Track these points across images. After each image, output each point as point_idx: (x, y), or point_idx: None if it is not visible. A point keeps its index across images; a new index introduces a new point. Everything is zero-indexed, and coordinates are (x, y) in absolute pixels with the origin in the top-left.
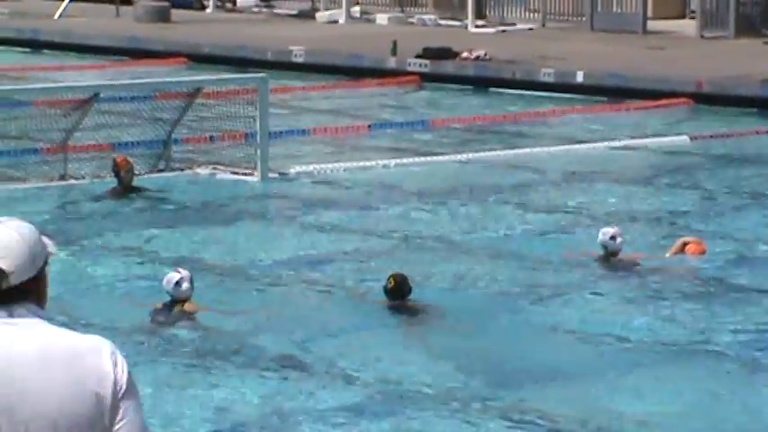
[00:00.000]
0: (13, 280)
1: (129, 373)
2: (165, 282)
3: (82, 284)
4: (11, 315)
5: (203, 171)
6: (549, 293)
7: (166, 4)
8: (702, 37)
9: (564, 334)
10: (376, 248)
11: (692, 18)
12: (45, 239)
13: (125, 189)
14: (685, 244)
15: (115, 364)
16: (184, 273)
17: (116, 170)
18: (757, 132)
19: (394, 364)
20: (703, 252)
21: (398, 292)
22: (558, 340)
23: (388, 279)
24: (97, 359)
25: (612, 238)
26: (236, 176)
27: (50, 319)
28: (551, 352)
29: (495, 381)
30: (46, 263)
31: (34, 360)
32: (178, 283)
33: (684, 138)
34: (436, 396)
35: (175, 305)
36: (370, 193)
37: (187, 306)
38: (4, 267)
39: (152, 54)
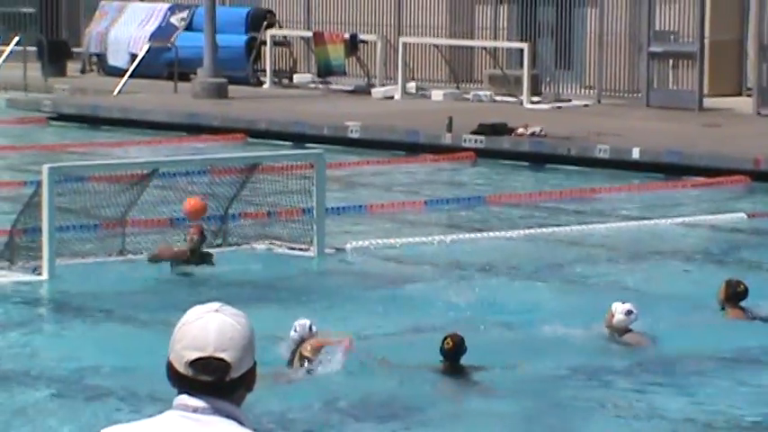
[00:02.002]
0: (235, 372)
1: None
2: (298, 326)
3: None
4: (206, 410)
5: (260, 246)
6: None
7: (224, 80)
8: (759, 114)
9: (613, 415)
10: (432, 324)
11: (749, 95)
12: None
13: (191, 255)
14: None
15: None
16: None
17: (192, 238)
18: None
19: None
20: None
21: (456, 352)
22: (608, 419)
23: (445, 339)
24: None
25: (629, 313)
26: (292, 252)
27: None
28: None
29: None
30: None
31: None
32: (311, 328)
33: (741, 215)
34: None
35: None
36: (427, 270)
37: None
38: (227, 359)
39: (210, 130)
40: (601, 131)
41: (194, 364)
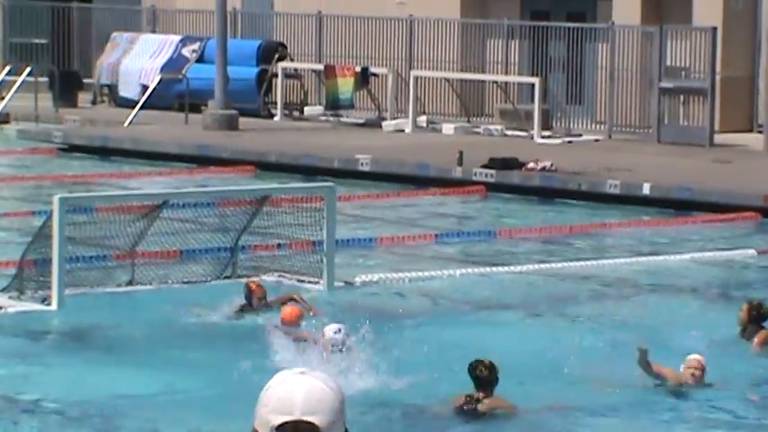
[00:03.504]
0: None
1: None
2: (326, 331)
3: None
4: None
5: (270, 278)
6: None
7: (235, 112)
8: None
9: None
10: (443, 359)
11: (760, 132)
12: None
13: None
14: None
15: None
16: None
17: (248, 295)
18: None
19: None
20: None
21: (487, 379)
22: None
23: (478, 367)
24: None
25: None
26: (302, 284)
27: None
28: None
29: None
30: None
31: None
32: (337, 333)
33: (751, 251)
34: None
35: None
36: (437, 304)
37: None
38: (316, 422)
39: (220, 161)
40: (611, 167)
41: (281, 428)
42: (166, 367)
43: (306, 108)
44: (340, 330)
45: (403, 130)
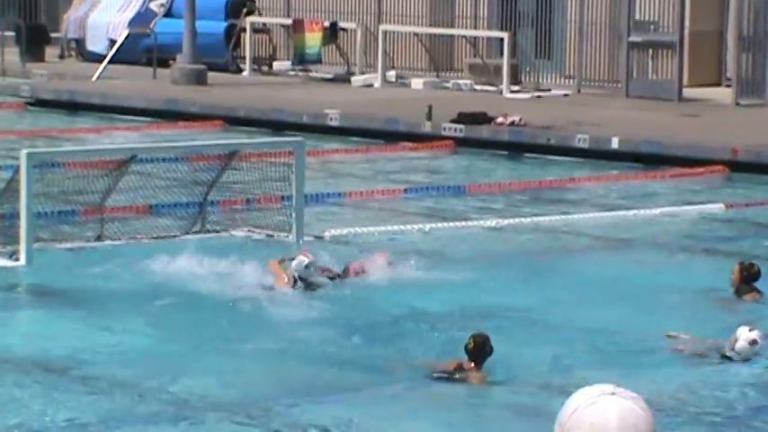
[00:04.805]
0: None
1: None
2: (295, 263)
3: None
4: None
5: (239, 233)
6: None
7: (203, 67)
8: (738, 104)
9: None
10: (411, 314)
11: (728, 86)
12: None
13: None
14: None
15: None
16: (312, 257)
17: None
18: None
19: None
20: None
21: (480, 351)
22: None
23: (469, 339)
24: None
25: (753, 342)
26: (271, 239)
27: None
28: None
29: None
30: None
31: None
32: (308, 267)
33: (720, 205)
34: None
35: (301, 282)
36: (406, 258)
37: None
38: None
39: (188, 116)
40: (580, 121)
41: None
42: (136, 322)
43: (274, 63)
44: (310, 265)
45: (372, 85)
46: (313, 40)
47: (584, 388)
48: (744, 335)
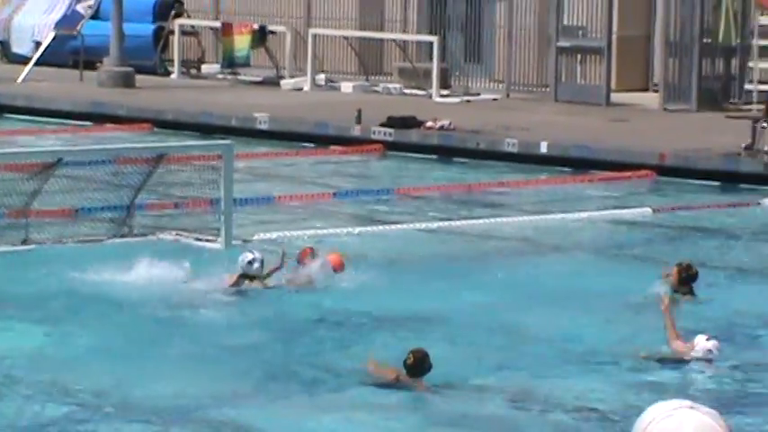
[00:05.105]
0: None
1: None
2: (240, 259)
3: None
4: None
5: (167, 237)
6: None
7: (131, 69)
8: (665, 110)
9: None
10: (338, 319)
11: (655, 91)
12: None
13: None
14: None
15: None
16: (257, 254)
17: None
18: (718, 206)
19: None
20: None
21: (419, 367)
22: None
23: (409, 354)
24: None
25: (708, 352)
26: (199, 243)
27: None
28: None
29: None
30: None
31: None
32: (250, 263)
33: (647, 210)
34: None
35: (245, 280)
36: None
37: (255, 283)
38: None
39: (116, 119)
40: (509, 125)
41: None
42: (60, 326)
43: (203, 66)
44: (253, 261)
45: (301, 89)
46: (242, 43)
47: (661, 402)
48: (701, 344)
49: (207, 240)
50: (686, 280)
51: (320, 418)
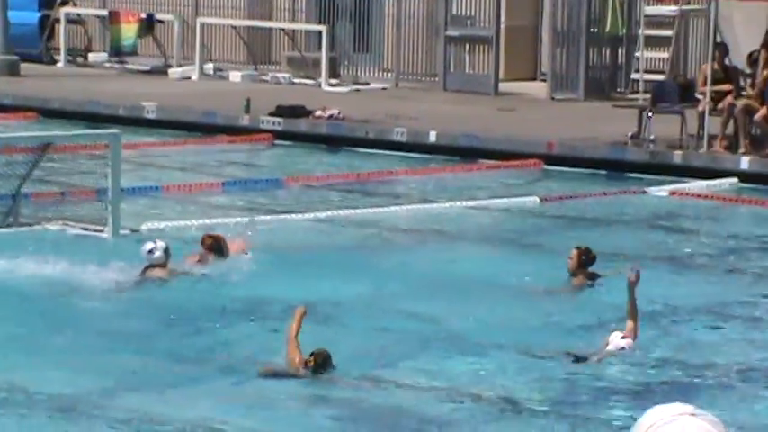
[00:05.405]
0: None
1: None
2: (142, 249)
3: None
4: None
5: (53, 227)
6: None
7: (16, 58)
8: (553, 99)
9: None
10: (225, 306)
11: (543, 80)
12: None
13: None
14: None
15: None
16: (159, 243)
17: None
18: (605, 194)
19: None
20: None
21: (321, 368)
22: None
23: (310, 356)
24: None
25: (621, 349)
26: (86, 233)
27: None
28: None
29: None
30: None
31: None
32: (151, 251)
33: (534, 198)
34: None
35: (147, 270)
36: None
37: (158, 272)
38: None
39: (1, 108)
40: (398, 115)
41: None
42: None
43: (90, 54)
44: (153, 250)
45: (189, 78)
46: (129, 31)
47: (661, 405)
48: (615, 341)
49: (94, 230)
50: (585, 263)
51: (214, 406)
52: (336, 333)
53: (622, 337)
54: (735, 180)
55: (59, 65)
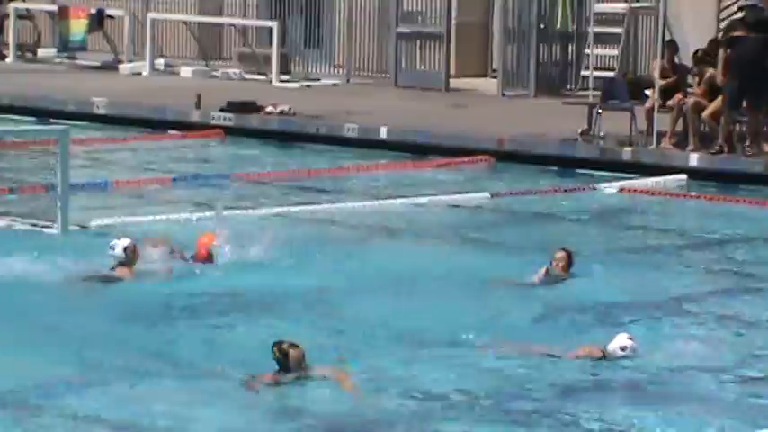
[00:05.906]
0: None
1: None
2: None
3: None
4: None
5: (1, 223)
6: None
7: None
8: (504, 95)
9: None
10: (173, 303)
11: (494, 77)
12: None
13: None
14: None
15: None
16: (122, 241)
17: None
18: (555, 190)
19: None
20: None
21: (286, 361)
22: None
23: (274, 346)
24: None
25: (623, 348)
26: (35, 229)
27: None
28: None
29: None
30: None
31: None
32: (112, 247)
33: (485, 194)
34: None
35: (115, 267)
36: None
37: (121, 270)
38: None
39: None
40: (349, 110)
41: None
42: None
43: (39, 50)
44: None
45: (140, 74)
46: (78, 26)
47: None
48: (619, 339)
49: (43, 226)
50: (569, 266)
51: (170, 405)
52: (280, 329)
53: (629, 338)
54: (684, 177)
55: (8, 60)
